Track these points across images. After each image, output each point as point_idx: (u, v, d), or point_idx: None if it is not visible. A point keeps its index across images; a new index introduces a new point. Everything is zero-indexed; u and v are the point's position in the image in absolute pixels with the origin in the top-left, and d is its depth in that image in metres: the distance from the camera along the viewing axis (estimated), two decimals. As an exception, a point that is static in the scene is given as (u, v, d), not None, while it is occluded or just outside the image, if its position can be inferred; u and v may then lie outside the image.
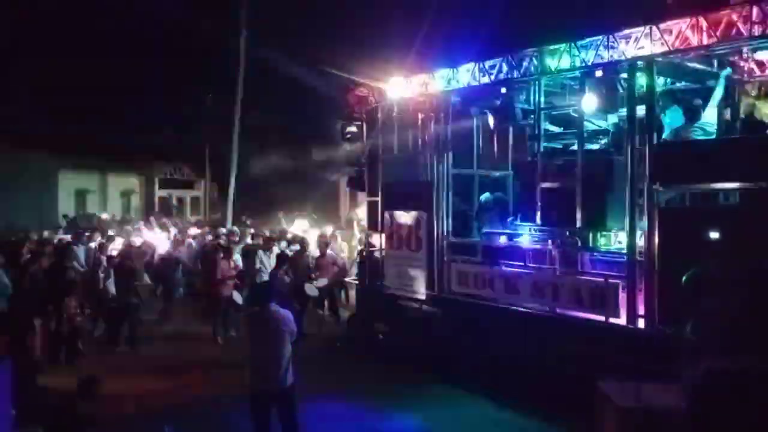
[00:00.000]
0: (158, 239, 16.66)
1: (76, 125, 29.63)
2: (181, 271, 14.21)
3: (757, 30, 6.10)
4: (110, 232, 17.17)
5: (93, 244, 13.43)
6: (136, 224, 17.80)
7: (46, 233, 17.29)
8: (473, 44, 9.91)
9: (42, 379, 8.12)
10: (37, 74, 28.50)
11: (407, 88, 10.08)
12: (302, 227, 18.47)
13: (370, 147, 10.96)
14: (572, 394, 6.52)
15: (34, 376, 7.87)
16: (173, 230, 16.11)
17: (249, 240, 15.24)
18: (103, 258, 11.68)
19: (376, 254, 10.85)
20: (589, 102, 7.62)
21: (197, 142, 31.88)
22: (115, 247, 13.56)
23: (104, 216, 26.11)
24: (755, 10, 6.06)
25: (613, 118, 8.61)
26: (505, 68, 8.53)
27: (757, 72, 7.93)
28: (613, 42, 7.24)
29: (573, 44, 7.69)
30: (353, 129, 11.17)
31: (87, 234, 14.45)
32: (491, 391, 7.93)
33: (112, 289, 10.93)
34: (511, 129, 10.00)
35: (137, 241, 16.17)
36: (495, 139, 10.17)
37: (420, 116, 10.12)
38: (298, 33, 24.77)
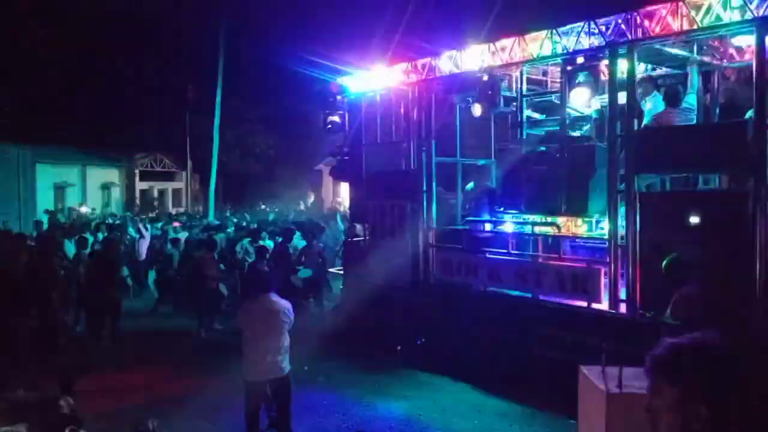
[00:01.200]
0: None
1: (54, 117, 29.21)
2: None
3: (736, 15, 6.14)
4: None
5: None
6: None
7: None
8: (456, 32, 9.87)
9: (23, 375, 8.02)
10: (15, 65, 27.97)
11: (390, 76, 10.03)
12: None
13: (353, 136, 10.91)
14: (555, 379, 6.58)
15: (16, 372, 7.77)
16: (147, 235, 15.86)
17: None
18: (86, 252, 11.53)
19: (361, 243, 10.83)
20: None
21: (178, 133, 31.56)
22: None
23: (83, 209, 25.79)
24: (734, -5, 6.10)
25: (594, 105, 8.64)
26: (487, 56, 8.51)
27: (737, 57, 8.00)
28: (594, 28, 7.25)
29: (554, 31, 7.69)
30: (336, 118, 11.11)
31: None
32: (475, 378, 7.98)
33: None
34: (493, 117, 10.00)
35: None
36: (478, 127, 10.16)
37: (402, 105, 10.08)
38: (280, 22, 24.55)
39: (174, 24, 27.58)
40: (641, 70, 7.85)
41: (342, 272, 11.90)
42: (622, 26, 6.98)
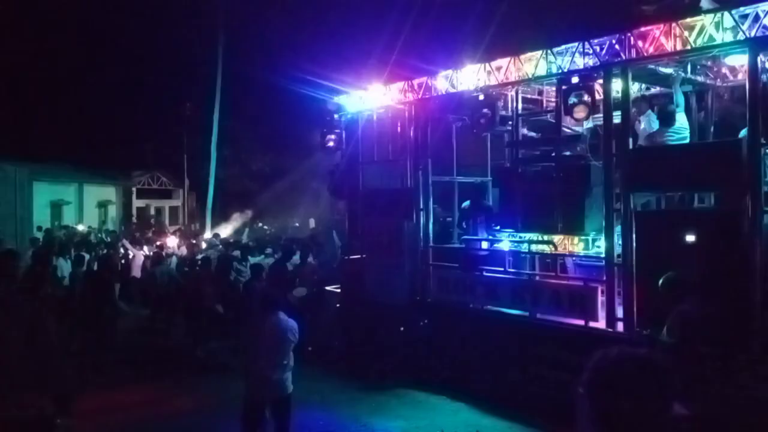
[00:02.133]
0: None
1: (52, 134, 29.25)
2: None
3: (728, 36, 6.22)
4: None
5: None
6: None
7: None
8: (451, 52, 9.96)
9: (18, 394, 7.94)
10: (12, 83, 28.10)
11: (386, 96, 10.09)
12: None
13: (350, 155, 10.95)
14: (553, 399, 6.55)
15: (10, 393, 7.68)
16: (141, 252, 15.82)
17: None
18: (81, 270, 11.50)
19: (357, 261, 10.82)
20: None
21: (175, 151, 31.61)
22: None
23: (80, 228, 25.71)
24: (726, 16, 6.19)
25: (589, 124, 8.71)
26: (483, 75, 8.58)
27: (730, 77, 8.09)
28: (589, 48, 7.33)
29: (549, 51, 7.77)
30: (333, 137, 11.15)
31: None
32: (472, 397, 7.93)
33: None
34: (489, 136, 10.06)
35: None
36: (474, 145, 10.22)
37: (399, 124, 10.14)
38: (278, 42, 24.74)
39: (172, 42, 27.76)
40: (635, 89, 7.93)
41: (338, 290, 11.86)
42: (616, 46, 7.06)
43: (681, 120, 7.38)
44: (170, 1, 27.07)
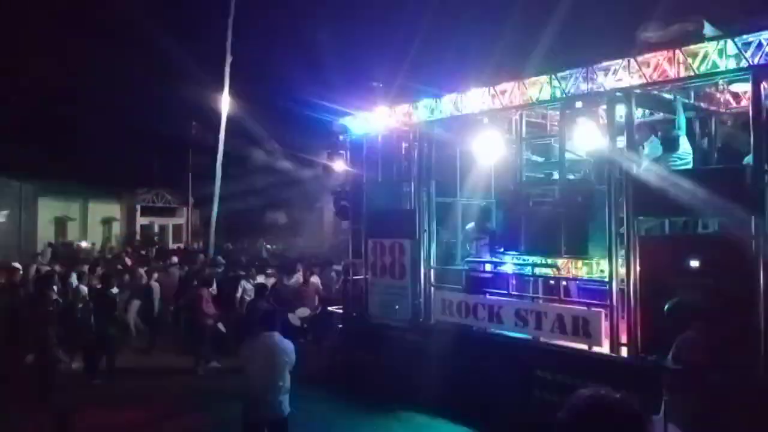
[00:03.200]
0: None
1: (57, 151, 29.45)
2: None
3: (732, 63, 6.27)
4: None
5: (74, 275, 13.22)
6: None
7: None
8: (456, 75, 10.06)
9: (18, 414, 7.91)
10: (19, 99, 28.38)
11: (391, 117, 10.17)
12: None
13: (354, 176, 11.00)
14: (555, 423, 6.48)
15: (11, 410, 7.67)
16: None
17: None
18: (84, 288, 11.49)
19: (360, 282, 10.81)
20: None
21: (180, 169, 31.78)
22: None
23: (84, 244, 25.78)
24: (729, 44, 6.25)
25: (593, 148, 8.74)
26: (487, 99, 8.65)
27: (733, 103, 8.14)
28: (592, 74, 7.39)
29: (553, 76, 7.83)
30: (338, 158, 11.22)
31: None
32: (475, 420, 7.86)
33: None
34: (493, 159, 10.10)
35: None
36: (477, 168, 10.26)
37: (404, 145, 10.19)
38: (284, 63, 24.98)
39: (179, 61, 28.04)
40: (639, 114, 7.97)
41: (341, 310, 11.83)
42: (620, 72, 7.11)
43: (685, 145, 7.41)
44: (177, 20, 27.44)
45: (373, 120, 10.45)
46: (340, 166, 11.35)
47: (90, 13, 30.75)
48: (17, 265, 13.54)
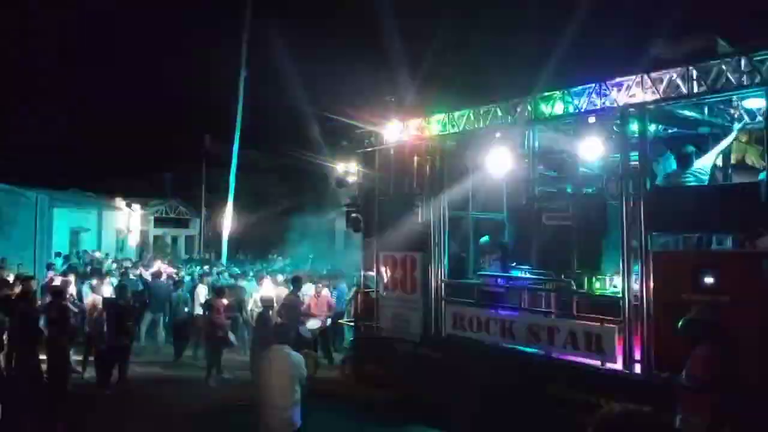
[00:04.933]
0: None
1: (73, 162, 29.81)
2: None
3: (746, 80, 6.26)
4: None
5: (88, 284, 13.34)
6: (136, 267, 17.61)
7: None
8: (470, 89, 10.10)
9: (30, 423, 7.96)
10: (35, 111, 28.81)
11: (404, 131, 10.21)
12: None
13: (367, 189, 11.05)
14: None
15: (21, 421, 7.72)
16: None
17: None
18: (98, 297, 11.58)
19: (371, 295, 10.81)
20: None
21: (193, 180, 32.03)
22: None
23: (98, 254, 25.96)
24: (743, 60, 6.24)
25: (606, 163, 8.74)
26: (499, 113, 8.68)
27: (747, 119, 8.11)
28: (606, 89, 7.40)
29: (566, 91, 7.86)
30: (351, 171, 11.28)
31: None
32: (487, 437, 7.81)
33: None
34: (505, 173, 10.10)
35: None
36: (490, 182, 10.27)
37: (416, 159, 10.23)
38: (297, 76, 25.17)
39: (193, 73, 28.36)
40: (653, 130, 7.96)
41: (352, 323, 11.84)
42: (633, 88, 7.11)
43: (703, 160, 7.39)
44: (191, 31, 27.79)
45: (386, 133, 10.50)
46: (352, 178, 11.40)
47: (108, 30, 31.25)
48: (32, 275, 13.71)
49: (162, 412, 9.38)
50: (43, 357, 9.36)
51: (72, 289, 12.89)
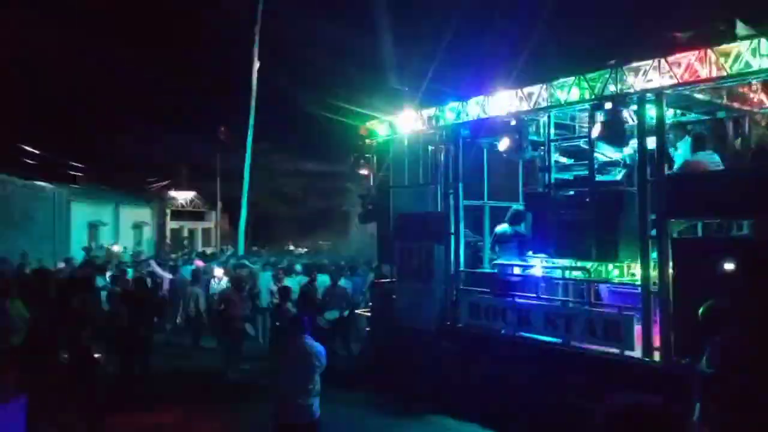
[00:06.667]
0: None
1: (91, 157, 30.12)
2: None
3: (765, 63, 6.14)
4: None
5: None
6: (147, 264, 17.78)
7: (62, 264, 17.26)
8: (483, 77, 10.02)
9: (53, 414, 8.08)
10: (53, 105, 29.10)
11: (418, 121, 10.18)
12: None
13: (381, 179, 11.03)
14: (587, 428, 6.42)
15: (50, 413, 7.82)
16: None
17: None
18: (118, 290, 11.69)
19: (387, 285, 10.83)
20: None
21: (209, 173, 32.24)
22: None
23: (116, 248, 26.25)
24: (763, 42, 6.12)
25: (623, 150, 8.64)
26: (515, 101, 8.61)
27: (766, 103, 7.97)
28: (622, 74, 7.30)
29: (582, 77, 7.76)
30: (364, 161, 11.27)
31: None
32: (505, 426, 7.82)
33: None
34: (521, 161, 10.04)
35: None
36: (505, 170, 10.21)
37: (430, 148, 10.19)
38: (312, 66, 25.18)
39: (208, 67, 28.47)
40: (670, 115, 7.85)
41: (368, 314, 11.87)
42: (651, 72, 7.01)
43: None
44: (207, 26, 27.86)
45: (400, 123, 10.47)
46: (366, 169, 11.40)
47: (125, 21, 31.43)
48: (50, 268, 13.87)
49: (180, 402, 9.49)
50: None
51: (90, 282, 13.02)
